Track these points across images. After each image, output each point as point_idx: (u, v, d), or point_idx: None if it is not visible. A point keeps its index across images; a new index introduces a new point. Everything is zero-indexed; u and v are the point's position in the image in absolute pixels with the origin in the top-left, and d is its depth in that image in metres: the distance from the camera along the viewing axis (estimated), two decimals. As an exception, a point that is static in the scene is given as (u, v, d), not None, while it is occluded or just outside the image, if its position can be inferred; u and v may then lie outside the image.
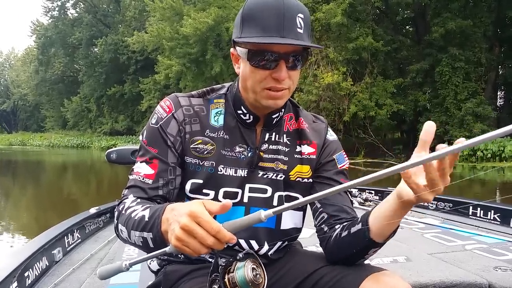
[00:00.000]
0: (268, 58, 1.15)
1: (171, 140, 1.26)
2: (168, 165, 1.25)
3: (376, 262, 2.32)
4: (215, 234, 0.88)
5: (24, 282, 1.89)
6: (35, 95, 61.24)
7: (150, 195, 1.22)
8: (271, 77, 1.17)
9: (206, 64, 27.42)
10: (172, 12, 28.53)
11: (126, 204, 1.17)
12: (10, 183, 13.89)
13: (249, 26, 1.16)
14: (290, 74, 1.19)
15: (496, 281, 1.98)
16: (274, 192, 1.33)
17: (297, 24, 1.14)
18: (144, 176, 1.24)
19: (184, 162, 1.29)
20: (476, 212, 3.43)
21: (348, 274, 1.20)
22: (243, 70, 1.23)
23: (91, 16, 47.19)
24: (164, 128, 1.27)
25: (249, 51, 1.17)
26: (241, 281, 0.97)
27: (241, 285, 0.97)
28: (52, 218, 6.57)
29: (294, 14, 1.14)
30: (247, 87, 1.24)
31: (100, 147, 37.79)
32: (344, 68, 20.90)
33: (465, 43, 20.58)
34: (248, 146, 1.32)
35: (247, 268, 0.99)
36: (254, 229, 1.31)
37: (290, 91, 1.24)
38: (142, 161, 1.26)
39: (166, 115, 1.29)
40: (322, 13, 20.15)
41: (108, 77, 43.84)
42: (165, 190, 1.25)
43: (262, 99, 1.22)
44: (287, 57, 1.16)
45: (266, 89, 1.19)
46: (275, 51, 1.14)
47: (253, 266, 1.00)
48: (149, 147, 1.26)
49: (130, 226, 1.10)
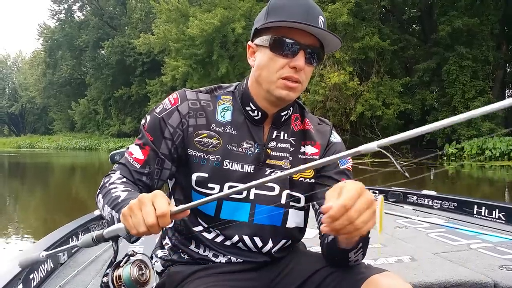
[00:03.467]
0: (289, 46, 1.20)
1: (170, 132, 1.30)
2: (157, 156, 1.30)
3: (381, 262, 2.31)
4: (160, 217, 0.98)
5: (29, 285, 1.89)
6: (42, 97, 61.65)
7: (134, 178, 1.30)
8: (288, 66, 1.21)
9: (212, 65, 27.47)
10: (178, 13, 28.59)
11: (111, 179, 1.27)
12: (19, 186, 13.98)
13: (274, 15, 1.22)
14: (306, 69, 1.24)
15: (501, 280, 1.97)
16: (282, 190, 1.34)
17: (319, 23, 1.20)
18: (134, 159, 1.31)
19: (187, 154, 1.31)
20: (481, 211, 3.41)
21: (348, 276, 1.20)
22: (260, 59, 1.27)
23: (98, 18, 47.43)
24: (165, 119, 1.30)
25: (273, 37, 1.22)
26: (126, 277, 1.03)
27: (125, 280, 1.03)
28: (61, 219, 6.59)
29: (317, 13, 1.21)
30: (261, 77, 1.27)
31: (107, 149, 37.95)
32: (351, 68, 20.87)
33: (472, 41, 20.46)
34: (256, 143, 1.33)
35: (134, 266, 1.05)
36: (260, 226, 1.31)
37: (302, 87, 1.27)
38: (137, 144, 1.33)
39: (171, 106, 1.32)
40: (328, 12, 20.11)
41: (115, 79, 44.01)
42: (149, 179, 1.31)
43: (276, 89, 1.25)
44: (306, 48, 1.21)
45: (282, 78, 1.23)
46: (296, 40, 1.20)
47: (140, 265, 1.07)
48: (147, 133, 1.32)
49: (106, 200, 1.20)
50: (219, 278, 1.26)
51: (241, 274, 1.31)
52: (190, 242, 1.35)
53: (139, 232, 1.01)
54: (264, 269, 1.35)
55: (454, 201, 3.67)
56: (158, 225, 0.99)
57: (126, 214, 1.03)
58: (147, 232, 1.01)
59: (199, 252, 1.34)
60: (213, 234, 1.32)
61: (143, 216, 0.99)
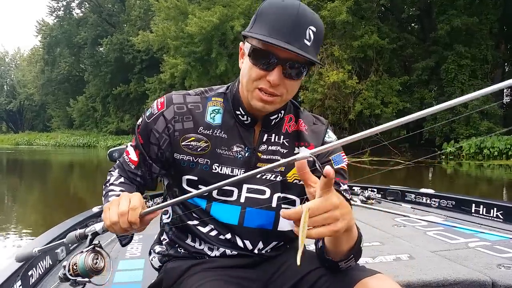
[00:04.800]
0: (267, 59, 1.16)
1: (156, 137, 1.32)
2: (145, 159, 1.37)
3: (379, 260, 2.32)
4: (120, 215, 1.10)
5: (28, 281, 1.90)
6: (41, 94, 61.57)
7: (130, 178, 1.40)
8: (265, 79, 1.18)
9: (211, 63, 27.45)
10: (177, 11, 28.55)
11: (111, 179, 1.40)
12: (17, 182, 13.96)
13: (260, 24, 1.17)
14: (286, 82, 1.19)
15: (499, 278, 1.98)
16: (272, 194, 1.33)
17: (306, 35, 1.14)
18: (129, 159, 1.40)
19: (174, 158, 1.32)
20: (479, 210, 3.42)
21: (341, 278, 1.20)
22: (244, 65, 1.25)
23: (96, 15, 47.35)
24: (151, 125, 1.33)
25: (252, 47, 1.18)
26: (81, 264, 1.12)
27: (79, 267, 1.12)
28: (59, 216, 6.59)
29: (306, 25, 1.14)
30: (243, 84, 1.25)
31: (106, 146, 37.91)
32: (350, 66, 20.85)
33: (471, 40, 20.49)
34: (246, 146, 1.32)
35: (88, 255, 1.13)
36: (250, 230, 1.31)
37: (282, 100, 1.24)
38: (132, 145, 1.41)
39: (157, 112, 1.34)
40: (327, 11, 20.10)
41: (113, 77, 43.98)
42: (143, 179, 1.41)
43: (252, 99, 1.23)
44: (285, 63, 1.16)
45: (258, 88, 1.20)
46: (275, 54, 1.15)
47: (94, 254, 1.15)
48: (139, 135, 1.38)
49: (105, 201, 1.32)
50: (215, 273, 1.26)
51: (237, 271, 1.31)
52: (186, 236, 1.36)
53: (112, 221, 1.11)
54: (259, 267, 1.35)
55: (452, 199, 3.67)
56: (127, 216, 1.09)
57: (106, 207, 1.15)
58: (117, 224, 1.11)
59: (195, 246, 1.35)
60: (208, 228, 1.32)
61: (119, 207, 1.11)
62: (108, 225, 1.13)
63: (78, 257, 1.14)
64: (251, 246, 1.33)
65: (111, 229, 1.13)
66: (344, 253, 1.12)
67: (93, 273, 1.13)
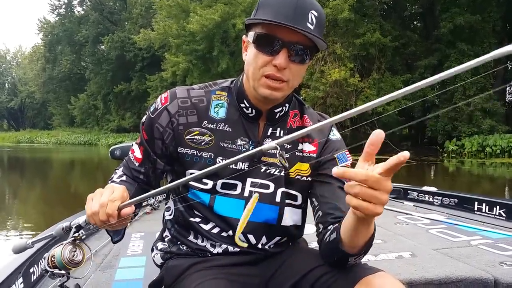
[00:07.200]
0: (272, 44, 1.17)
1: (160, 131, 1.32)
2: (150, 156, 1.36)
3: (381, 258, 2.32)
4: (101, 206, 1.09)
5: (29, 278, 1.90)
6: (42, 92, 61.67)
7: (133, 176, 1.39)
8: (271, 64, 1.18)
9: (212, 61, 27.44)
10: (179, 9, 28.54)
11: (114, 177, 1.39)
12: (19, 180, 13.99)
13: (262, 11, 1.18)
14: (291, 67, 1.19)
15: (501, 276, 1.97)
16: (277, 188, 1.33)
17: (308, 19, 1.15)
18: (134, 157, 1.40)
19: (178, 153, 1.32)
20: (482, 208, 3.41)
21: (343, 276, 1.19)
22: (248, 55, 1.25)
23: (98, 13, 47.39)
24: (155, 119, 1.32)
25: (256, 33, 1.19)
26: (58, 256, 1.11)
27: (57, 259, 1.11)
28: (61, 214, 6.60)
29: (307, 9, 1.15)
30: (249, 74, 1.25)
31: (107, 144, 37.90)
32: (352, 64, 20.84)
33: (473, 38, 20.46)
34: (250, 140, 1.32)
35: (66, 247, 1.12)
36: (254, 224, 1.30)
37: (289, 86, 1.24)
38: (137, 143, 1.41)
39: (161, 106, 1.33)
40: (329, 8, 20.06)
41: (114, 75, 44.00)
42: (146, 177, 1.39)
43: (259, 87, 1.22)
44: (290, 46, 1.17)
45: (265, 76, 1.20)
46: (279, 37, 1.16)
47: (72, 247, 1.13)
48: (143, 132, 1.37)
49: None
50: (217, 271, 1.25)
51: (238, 268, 1.30)
52: (189, 233, 1.36)
53: (92, 211, 1.09)
54: (261, 264, 1.35)
55: (455, 197, 3.67)
56: (105, 208, 1.08)
57: (89, 197, 1.13)
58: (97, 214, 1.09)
59: (197, 242, 1.34)
60: (210, 225, 1.32)
61: (101, 197, 1.10)
62: (89, 214, 1.11)
63: (57, 249, 1.13)
64: (254, 240, 1.32)
65: (91, 220, 1.11)
66: (359, 246, 1.11)
67: (70, 265, 1.12)
